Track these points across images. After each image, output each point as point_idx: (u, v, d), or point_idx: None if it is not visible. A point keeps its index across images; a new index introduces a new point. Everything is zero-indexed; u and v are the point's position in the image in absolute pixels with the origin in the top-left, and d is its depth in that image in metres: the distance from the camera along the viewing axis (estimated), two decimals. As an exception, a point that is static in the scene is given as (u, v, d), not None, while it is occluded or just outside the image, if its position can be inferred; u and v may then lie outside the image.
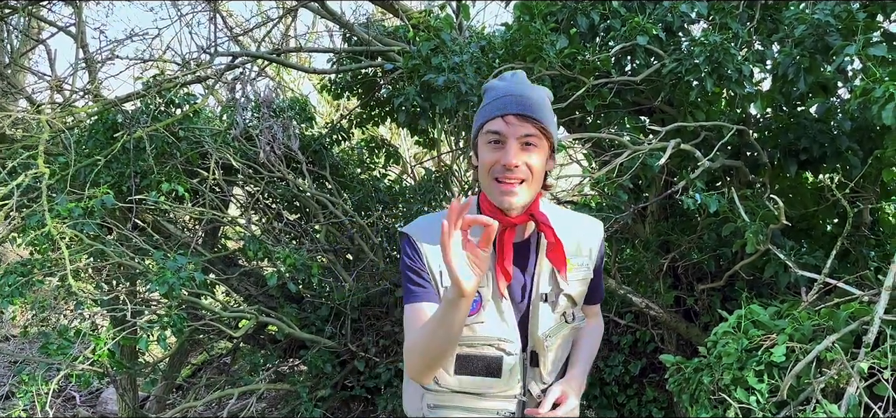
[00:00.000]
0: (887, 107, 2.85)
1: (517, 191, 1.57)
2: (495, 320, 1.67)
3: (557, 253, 1.69)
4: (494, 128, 1.57)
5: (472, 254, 1.38)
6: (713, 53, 3.26)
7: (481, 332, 1.66)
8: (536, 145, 1.58)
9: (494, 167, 1.57)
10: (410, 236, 1.71)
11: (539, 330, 1.72)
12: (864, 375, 3.11)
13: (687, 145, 3.33)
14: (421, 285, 1.66)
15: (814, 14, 3.26)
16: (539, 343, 1.72)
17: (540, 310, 1.72)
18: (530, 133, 1.57)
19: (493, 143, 1.58)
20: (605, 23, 3.56)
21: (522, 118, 1.56)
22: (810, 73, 3.41)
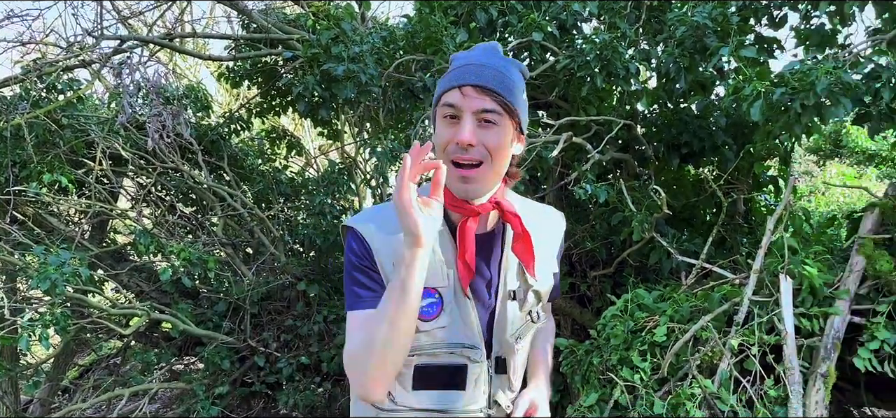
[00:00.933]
0: (755, 104, 3.10)
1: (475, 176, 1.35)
2: (458, 323, 1.44)
3: (525, 245, 1.48)
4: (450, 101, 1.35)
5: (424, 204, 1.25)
6: (603, 51, 3.43)
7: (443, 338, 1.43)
8: (496, 123, 1.35)
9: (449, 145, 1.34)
10: (358, 230, 1.44)
11: (507, 331, 1.50)
12: (734, 352, 3.39)
13: (579, 139, 3.48)
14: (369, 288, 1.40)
15: (693, 16, 3.49)
16: (507, 346, 1.51)
17: (507, 308, 1.50)
18: (489, 108, 1.33)
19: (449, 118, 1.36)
20: (503, 18, 3.66)
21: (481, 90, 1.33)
22: (690, 72, 3.65)
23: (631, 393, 3.44)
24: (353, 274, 1.42)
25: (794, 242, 3.53)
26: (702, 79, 3.68)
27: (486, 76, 1.35)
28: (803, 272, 3.42)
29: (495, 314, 1.49)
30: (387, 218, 1.44)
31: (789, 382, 3.25)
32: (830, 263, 3.60)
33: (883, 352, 3.29)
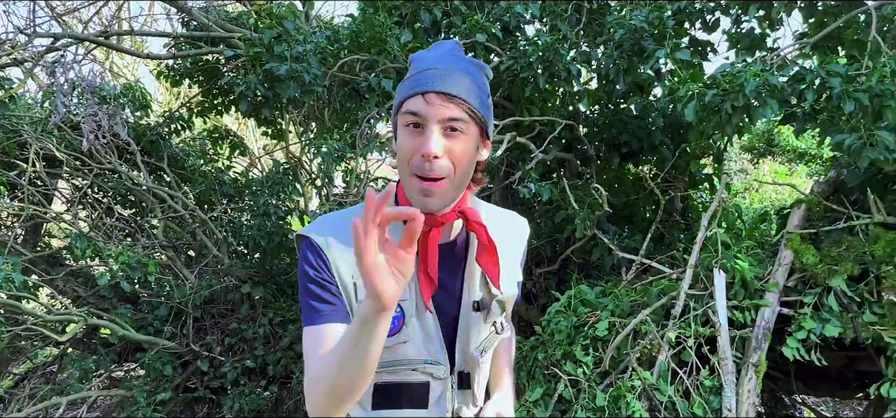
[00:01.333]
0: (689, 105, 3.22)
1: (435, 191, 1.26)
2: (420, 339, 1.37)
3: (491, 255, 1.40)
4: (413, 109, 1.25)
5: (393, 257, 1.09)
6: (545, 53, 3.50)
7: (404, 355, 1.36)
8: (463, 131, 1.26)
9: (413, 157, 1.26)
10: (313, 240, 1.34)
11: (472, 345, 1.44)
12: (672, 344, 3.51)
13: (523, 138, 3.53)
14: (328, 302, 1.30)
15: (631, 20, 3.59)
16: (472, 360, 1.45)
17: (472, 320, 1.43)
18: (455, 116, 1.25)
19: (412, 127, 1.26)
20: (447, 19, 3.70)
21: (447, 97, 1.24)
22: (629, 73, 3.76)
23: (574, 387, 3.52)
24: (309, 287, 1.32)
25: (726, 238, 3.68)
26: (640, 80, 3.79)
27: (451, 82, 1.26)
28: (736, 266, 3.57)
29: (459, 327, 1.43)
30: (344, 226, 1.34)
31: (723, 372, 3.39)
32: (761, 257, 3.76)
33: (809, 342, 3.46)
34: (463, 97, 1.25)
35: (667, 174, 4.48)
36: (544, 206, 4.24)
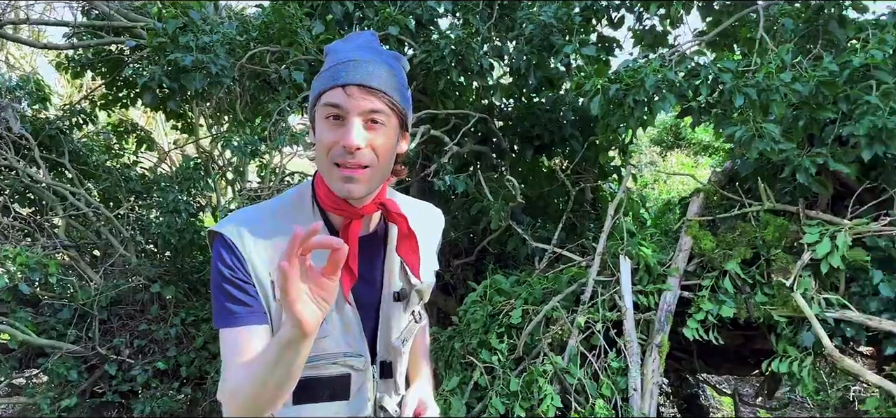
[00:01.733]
0: (595, 99, 3.34)
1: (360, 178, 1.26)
2: (340, 332, 1.37)
3: (411, 245, 1.41)
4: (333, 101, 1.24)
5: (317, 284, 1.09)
6: (458, 47, 3.55)
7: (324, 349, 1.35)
8: (384, 124, 1.26)
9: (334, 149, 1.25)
10: (227, 236, 1.30)
11: (393, 334, 1.45)
12: (581, 328, 3.65)
13: (437, 131, 3.56)
14: (244, 303, 1.27)
15: (540, 16, 3.69)
16: (393, 350, 1.46)
17: (393, 311, 1.45)
18: (376, 108, 1.25)
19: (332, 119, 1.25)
20: (359, 11, 3.68)
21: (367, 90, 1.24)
22: (539, 68, 3.86)
23: (490, 374, 3.60)
24: (224, 287, 1.28)
25: (632, 226, 3.84)
26: (550, 75, 3.89)
27: (371, 74, 1.26)
28: (640, 253, 3.74)
29: (380, 317, 1.44)
30: (260, 222, 1.33)
31: (629, 354, 3.55)
32: (663, 244, 3.95)
33: (708, 322, 3.68)
34: (384, 90, 1.26)
35: (577, 166, 4.64)
36: (460, 199, 4.29)
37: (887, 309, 3.57)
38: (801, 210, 3.73)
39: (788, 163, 3.37)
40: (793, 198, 3.82)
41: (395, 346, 1.45)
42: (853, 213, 3.74)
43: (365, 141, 1.24)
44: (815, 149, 3.42)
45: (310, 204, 1.36)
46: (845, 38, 3.65)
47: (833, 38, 3.62)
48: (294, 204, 1.37)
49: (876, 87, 3.30)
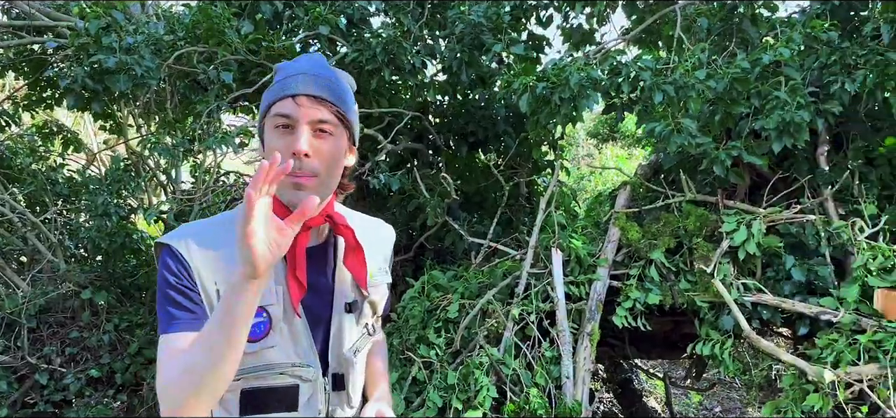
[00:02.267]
0: (523, 97, 3.43)
1: (309, 186, 1.28)
2: (288, 342, 1.37)
3: (358, 257, 1.44)
4: (283, 111, 1.28)
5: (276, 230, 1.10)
6: (389, 46, 3.58)
7: (271, 359, 1.35)
8: (332, 133, 1.31)
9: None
10: (173, 247, 1.32)
11: (345, 345, 1.45)
12: (516, 320, 3.75)
13: (371, 130, 3.59)
14: (187, 309, 1.28)
15: (469, 15, 3.75)
16: (345, 361, 1.46)
17: (344, 322, 1.45)
18: (324, 119, 1.29)
19: (282, 128, 1.29)
20: (289, 10, 3.67)
21: (316, 100, 1.29)
22: (471, 66, 3.92)
23: (428, 369, 3.66)
24: (169, 293, 1.29)
25: (562, 219, 3.96)
26: (482, 73, 3.96)
27: (320, 86, 1.31)
28: (571, 245, 3.86)
29: (332, 329, 1.44)
30: (209, 235, 1.35)
31: (561, 343, 3.67)
32: (593, 236, 4.09)
33: (636, 309, 3.83)
34: (332, 101, 1.31)
35: (512, 161, 4.73)
36: (397, 196, 4.33)
37: (799, 291, 3.80)
38: (720, 200, 3.92)
39: (706, 157, 3.53)
40: (712, 189, 4.01)
41: (347, 358, 1.46)
42: (768, 202, 3.95)
43: (313, 149, 1.27)
44: (730, 143, 3.60)
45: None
46: (758, 36, 3.85)
47: (746, 36, 3.80)
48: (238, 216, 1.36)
49: (784, 82, 3.50)
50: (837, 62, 3.58)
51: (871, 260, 3.54)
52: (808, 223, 3.77)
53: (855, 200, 3.86)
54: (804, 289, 3.82)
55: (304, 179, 1.27)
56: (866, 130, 4.10)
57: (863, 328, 3.43)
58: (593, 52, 3.72)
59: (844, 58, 3.56)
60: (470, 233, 4.30)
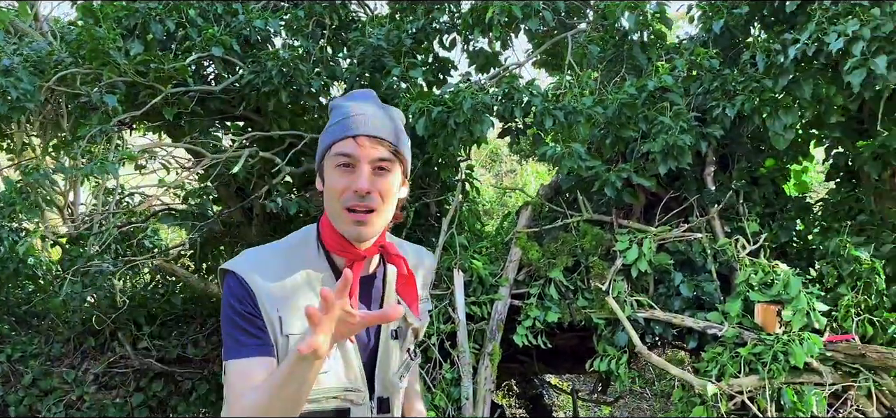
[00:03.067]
0: (419, 121, 3.46)
1: (369, 220, 1.37)
2: (340, 368, 1.44)
3: (411, 286, 1.53)
4: (345, 151, 1.37)
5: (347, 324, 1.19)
6: (285, 68, 3.54)
7: (326, 384, 1.41)
8: (390, 170, 1.40)
9: (345, 193, 1.36)
10: (240, 275, 1.38)
11: (391, 371, 1.53)
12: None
13: (267, 153, 3.54)
14: (254, 336, 1.36)
15: (369, 38, 3.77)
16: (390, 386, 1.53)
17: (391, 348, 1.52)
18: (383, 157, 1.38)
19: (343, 167, 1.37)
20: (182, 31, 3.59)
21: (375, 140, 1.38)
22: (373, 89, 3.92)
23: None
24: (236, 320, 1.37)
25: (465, 240, 4.01)
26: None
27: (378, 126, 1.39)
28: (473, 265, 3.91)
29: (379, 354, 1.50)
30: (269, 261, 1.42)
31: (461, 364, 3.70)
32: (495, 256, 4.15)
33: (536, 328, 3.91)
34: (389, 140, 1.40)
35: (420, 182, 4.75)
36: (302, 220, 4.28)
37: (689, 307, 3.96)
38: (615, 220, 4.06)
39: (598, 179, 3.65)
40: (608, 209, 4.14)
41: (393, 382, 1.53)
42: (661, 221, 4.12)
43: (373, 186, 1.36)
44: (621, 165, 3.73)
45: (314, 246, 1.46)
46: (648, 62, 4.02)
47: (637, 62, 3.96)
48: (300, 245, 1.47)
49: (670, 107, 3.66)
50: (719, 88, 3.77)
51: (752, 275, 3.73)
52: (695, 241, 3.94)
53: (739, 218, 4.06)
54: (694, 305, 3.99)
55: (365, 216, 1.36)
56: (750, 152, 4.33)
57: (745, 341, 3.61)
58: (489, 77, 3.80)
59: (725, 84, 3.76)
60: (376, 254, 4.29)
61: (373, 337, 1.51)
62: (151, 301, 5.55)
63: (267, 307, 1.37)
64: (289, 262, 1.41)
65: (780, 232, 4.19)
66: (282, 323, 1.37)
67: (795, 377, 3.52)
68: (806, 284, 3.71)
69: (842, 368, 3.58)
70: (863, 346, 3.53)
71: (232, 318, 1.37)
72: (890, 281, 3.86)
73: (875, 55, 3.09)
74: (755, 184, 4.36)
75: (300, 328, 1.37)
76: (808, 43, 3.36)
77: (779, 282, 3.63)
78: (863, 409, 3.56)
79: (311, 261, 1.43)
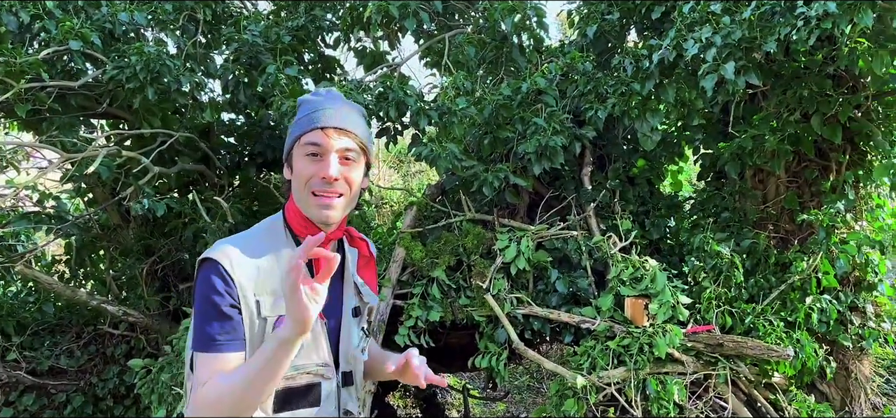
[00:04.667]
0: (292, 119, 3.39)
1: (335, 204, 1.49)
2: (311, 345, 1.54)
3: (371, 267, 1.69)
4: (313, 140, 1.48)
5: (311, 289, 1.29)
6: (151, 64, 3.39)
7: (300, 361, 1.51)
8: (355, 160, 1.52)
9: (312, 180, 1.47)
10: (221, 264, 1.44)
11: (353, 345, 1.65)
12: (293, 346, 3.69)
13: (132, 152, 3.39)
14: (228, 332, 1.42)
15: (244, 35, 3.66)
16: (353, 359, 1.65)
17: (351, 325, 1.65)
18: (349, 147, 1.50)
19: (311, 156, 1.48)
20: (38, 23, 3.37)
21: (342, 132, 1.49)
22: (250, 86, 3.82)
23: (197, 403, 3.48)
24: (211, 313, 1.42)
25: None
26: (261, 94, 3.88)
27: (345, 119, 1.51)
28: (353, 266, 3.87)
29: (341, 332, 1.61)
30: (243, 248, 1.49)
31: (340, 366, 3.65)
32: (379, 257, 4.13)
33: (419, 327, 3.92)
34: (355, 132, 1.52)
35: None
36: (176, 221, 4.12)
37: (566, 303, 4.08)
38: (496, 218, 4.12)
39: (476, 179, 3.70)
40: (491, 209, 4.21)
41: (355, 356, 1.65)
42: (542, 219, 4.22)
43: (340, 173, 1.48)
44: (498, 165, 3.80)
45: (282, 230, 1.56)
46: (527, 64, 4.10)
47: (517, 65, 4.04)
48: (267, 232, 1.56)
49: (544, 109, 3.75)
50: (592, 91, 3.90)
51: (624, 271, 3.87)
52: (571, 238, 4.06)
53: (614, 217, 4.22)
54: (571, 301, 4.11)
55: (332, 199, 1.49)
56: (625, 153, 4.51)
57: (615, 334, 3.75)
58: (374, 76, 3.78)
59: (598, 87, 3.89)
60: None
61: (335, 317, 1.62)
62: (20, 309, 5.20)
63: (246, 293, 1.46)
64: (259, 248, 1.50)
65: (652, 229, 4.39)
66: (259, 306, 1.46)
67: (660, 367, 3.68)
68: (671, 278, 3.90)
69: (703, 357, 3.78)
70: (721, 336, 3.74)
71: (207, 311, 1.43)
72: (748, 274, 4.11)
73: (726, 61, 3.27)
74: (631, 183, 4.55)
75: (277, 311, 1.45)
76: (669, 48, 3.53)
77: (647, 277, 3.79)
78: (721, 395, 3.77)
79: (281, 245, 1.52)
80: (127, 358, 4.98)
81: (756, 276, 4.15)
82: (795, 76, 3.89)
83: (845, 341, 4.09)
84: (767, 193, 4.38)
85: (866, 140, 4.12)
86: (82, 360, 5.24)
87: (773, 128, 3.98)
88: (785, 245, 4.31)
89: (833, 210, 4.02)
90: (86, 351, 5.26)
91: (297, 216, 1.55)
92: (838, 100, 3.80)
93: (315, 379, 1.56)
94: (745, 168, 4.28)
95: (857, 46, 3.32)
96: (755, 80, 3.28)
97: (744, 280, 4.00)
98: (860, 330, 4.18)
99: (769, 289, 4.08)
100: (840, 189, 4.19)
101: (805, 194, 4.35)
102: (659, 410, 3.63)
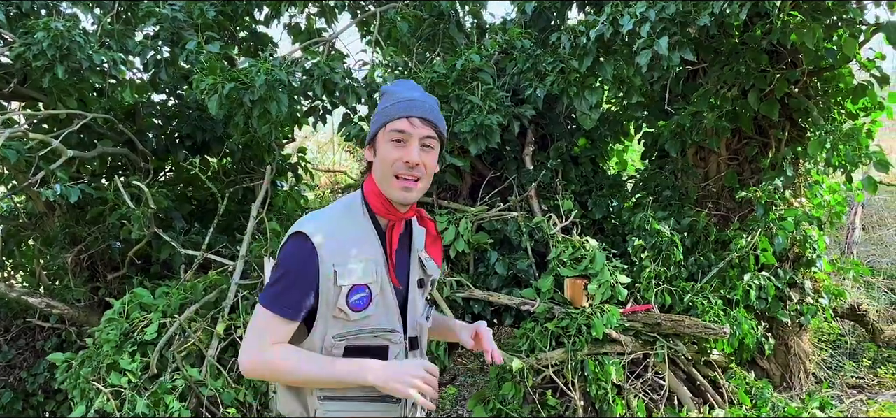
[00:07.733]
0: (212, 98, 3.23)
1: (415, 187, 1.63)
2: (382, 312, 1.67)
3: (438, 245, 1.84)
4: (399, 128, 1.61)
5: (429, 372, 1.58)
6: (58, 40, 3.18)
7: (369, 325, 1.65)
8: (433, 148, 1.66)
9: (396, 163, 1.61)
10: (313, 240, 1.56)
11: (418, 312, 1.79)
12: (221, 337, 3.54)
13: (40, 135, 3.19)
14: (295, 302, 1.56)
15: (164, 10, 3.47)
16: (419, 326, 1.80)
17: (416, 295, 1.79)
18: (430, 135, 1.64)
19: (396, 142, 1.61)
20: (-66, -3, 3.14)
21: (425, 121, 1.63)
22: (171, 64, 3.63)
23: (118, 398, 3.32)
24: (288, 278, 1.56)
25: (276, 226, 3.82)
26: (182, 71, 3.70)
27: (426, 110, 1.64)
28: (285, 252, 3.73)
29: (408, 300, 1.74)
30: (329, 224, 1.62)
31: (271, 356, 3.52)
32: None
33: (356, 313, 3.80)
34: (435, 122, 1.66)
35: (244, 165, 4.51)
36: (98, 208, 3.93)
37: (507, 285, 4.01)
38: (435, 200, 4.02)
39: (410, 159, 3.58)
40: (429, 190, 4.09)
41: (420, 323, 1.79)
42: (483, 200, 4.13)
43: (421, 159, 1.62)
44: (434, 145, 3.68)
45: (360, 209, 1.67)
46: (465, 41, 3.99)
47: (454, 41, 3.92)
48: (347, 209, 1.67)
49: (480, 87, 3.65)
50: (531, 68, 3.80)
51: (564, 251, 3.81)
52: (511, 219, 3.98)
53: (555, 197, 4.15)
54: (512, 282, 4.04)
55: (411, 183, 1.62)
56: (568, 132, 4.43)
57: (554, 315, 3.69)
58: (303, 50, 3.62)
59: (537, 65, 3.79)
60: (188, 243, 4.02)
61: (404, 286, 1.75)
62: (-57, 304, 4.94)
63: (325, 262, 1.57)
64: (340, 224, 1.62)
65: (595, 209, 4.33)
66: (336, 275, 1.57)
67: (598, 348, 3.64)
68: (611, 258, 3.85)
69: (641, 337, 3.75)
70: (659, 315, 3.71)
71: (283, 277, 1.57)
72: (688, 252, 4.09)
73: (660, 36, 3.20)
74: (575, 163, 4.48)
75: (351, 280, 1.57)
76: (606, 24, 3.45)
77: (587, 257, 3.73)
78: (660, 374, 3.75)
79: (358, 222, 1.65)
80: (58, 351, 4.77)
81: (696, 254, 4.13)
82: (734, 52, 3.85)
83: (784, 317, 4.11)
84: (708, 171, 4.36)
85: (804, 116, 4.11)
86: (10, 355, 5.01)
87: (712, 104, 3.94)
88: (725, 223, 4.30)
89: (771, 187, 4.01)
90: (14, 346, 5.02)
91: (377, 195, 1.67)
92: (775, 75, 3.78)
93: (382, 342, 1.69)
94: (686, 146, 4.24)
95: (791, 19, 3.28)
96: (690, 55, 3.22)
97: (684, 258, 3.98)
98: (799, 306, 4.20)
99: (709, 266, 4.07)
100: (779, 166, 4.18)
101: (745, 172, 4.34)
102: (597, 391, 3.59)
